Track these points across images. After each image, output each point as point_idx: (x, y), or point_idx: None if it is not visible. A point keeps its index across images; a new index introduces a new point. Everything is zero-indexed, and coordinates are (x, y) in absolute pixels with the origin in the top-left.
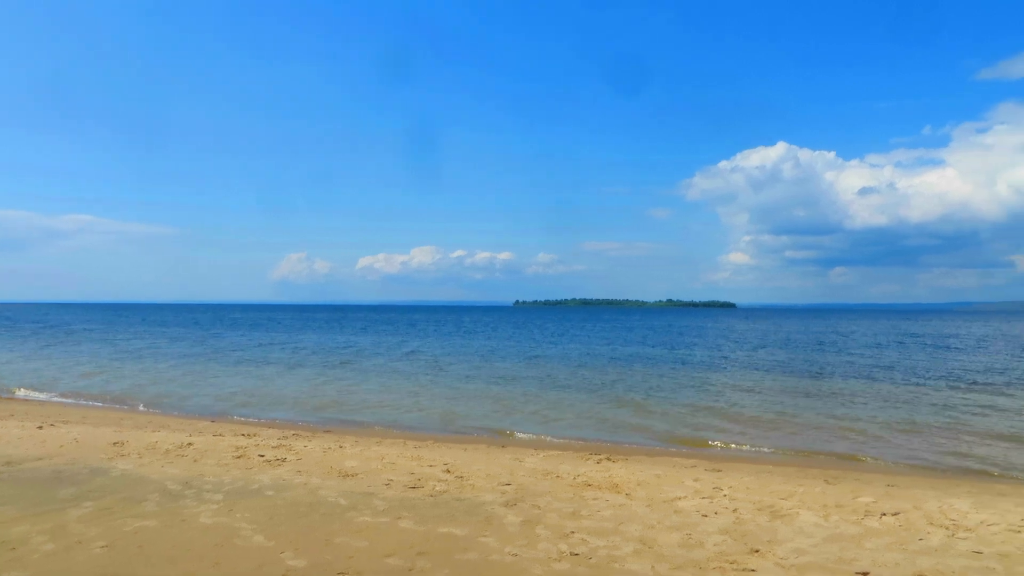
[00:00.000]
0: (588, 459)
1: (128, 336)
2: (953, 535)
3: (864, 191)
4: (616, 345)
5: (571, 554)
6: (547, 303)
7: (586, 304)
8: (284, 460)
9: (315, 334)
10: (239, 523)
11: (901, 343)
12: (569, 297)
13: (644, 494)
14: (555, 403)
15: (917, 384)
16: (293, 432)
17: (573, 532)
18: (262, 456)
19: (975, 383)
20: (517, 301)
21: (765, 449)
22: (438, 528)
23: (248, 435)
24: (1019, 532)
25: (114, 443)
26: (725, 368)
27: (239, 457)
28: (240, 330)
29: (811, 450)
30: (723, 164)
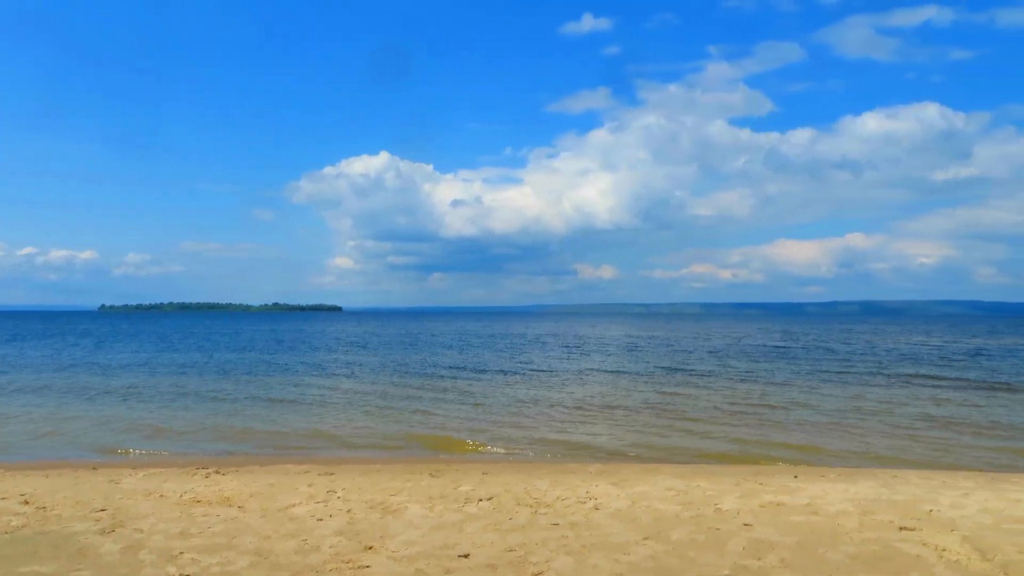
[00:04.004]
0: (195, 474)
1: None
2: (536, 512)
3: (456, 203)
4: (219, 352)
5: None
6: (140, 307)
7: (185, 308)
8: None
9: None
10: None
11: (468, 342)
12: (166, 301)
13: (257, 505)
14: (147, 416)
15: (481, 376)
16: None
17: (182, 552)
18: None
19: (524, 373)
20: (103, 305)
21: (369, 452)
22: (19, 568)
23: None
24: (585, 503)
25: None
26: (317, 370)
27: None
28: None
29: (408, 444)
30: (328, 169)
